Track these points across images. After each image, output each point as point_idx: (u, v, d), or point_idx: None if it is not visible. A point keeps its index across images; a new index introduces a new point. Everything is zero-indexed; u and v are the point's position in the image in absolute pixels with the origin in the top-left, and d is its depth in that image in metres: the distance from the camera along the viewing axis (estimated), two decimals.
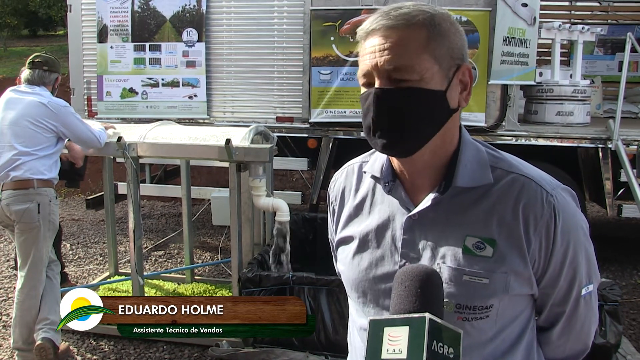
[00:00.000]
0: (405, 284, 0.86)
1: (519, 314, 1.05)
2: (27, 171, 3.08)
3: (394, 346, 0.78)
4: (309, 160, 5.27)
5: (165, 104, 5.34)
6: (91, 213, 6.77)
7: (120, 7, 5.30)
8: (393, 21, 0.97)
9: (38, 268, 3.17)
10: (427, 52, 0.97)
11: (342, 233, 1.16)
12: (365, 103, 1.01)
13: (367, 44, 1.00)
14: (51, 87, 3.33)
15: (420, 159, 1.03)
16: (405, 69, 0.96)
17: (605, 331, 2.86)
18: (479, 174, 1.03)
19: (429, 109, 0.98)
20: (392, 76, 0.97)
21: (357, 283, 1.11)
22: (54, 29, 17.68)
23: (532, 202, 0.99)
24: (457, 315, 1.00)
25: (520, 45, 4.76)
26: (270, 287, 3.21)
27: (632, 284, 4.72)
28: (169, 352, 3.46)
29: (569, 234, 1.01)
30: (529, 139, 4.83)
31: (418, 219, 1.04)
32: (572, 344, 1.13)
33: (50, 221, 3.20)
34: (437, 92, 0.98)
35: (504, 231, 0.99)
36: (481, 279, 0.99)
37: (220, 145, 3.29)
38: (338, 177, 1.23)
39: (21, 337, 3.14)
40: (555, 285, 1.03)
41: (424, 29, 0.97)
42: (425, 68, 0.96)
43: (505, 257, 0.99)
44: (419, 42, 0.97)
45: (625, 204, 4.87)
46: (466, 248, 1.00)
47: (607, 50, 6.99)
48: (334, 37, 4.83)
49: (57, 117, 3.17)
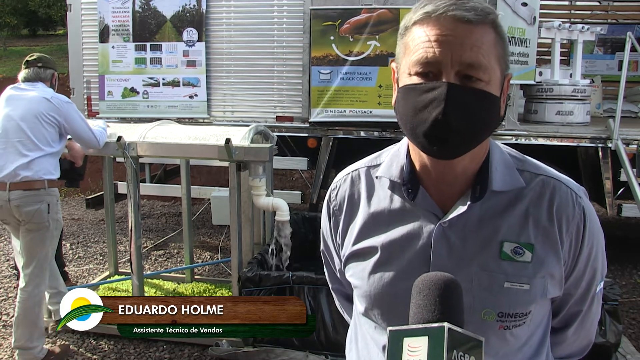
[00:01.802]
0: (423, 292, 0.83)
1: (543, 317, 1.03)
2: (38, 171, 3.07)
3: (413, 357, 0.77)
4: (308, 159, 5.27)
5: (165, 103, 5.34)
6: (91, 212, 6.77)
7: (121, 7, 5.31)
8: (471, 13, 0.88)
9: (43, 267, 3.17)
10: (495, 54, 0.91)
11: (356, 246, 1.07)
12: (424, 96, 0.90)
13: (428, 29, 0.90)
14: (49, 82, 3.33)
15: (460, 163, 0.96)
16: (481, 67, 0.89)
17: (605, 330, 2.86)
18: (510, 177, 0.99)
19: (491, 114, 0.93)
20: (463, 72, 0.89)
21: (379, 298, 1.02)
22: (54, 29, 17.69)
23: (564, 204, 0.98)
24: (499, 324, 0.96)
25: (520, 44, 4.76)
26: (270, 287, 3.21)
27: (631, 283, 4.72)
28: (169, 351, 3.47)
29: (593, 235, 1.00)
30: (529, 138, 4.83)
31: (449, 226, 0.98)
32: (580, 341, 1.13)
33: (58, 220, 3.23)
34: (496, 97, 0.93)
35: (541, 234, 0.97)
36: (522, 285, 0.95)
37: (220, 144, 3.29)
38: (339, 184, 1.13)
39: (23, 336, 3.14)
40: (578, 285, 1.03)
41: (493, 29, 0.91)
42: (493, 70, 0.91)
43: (543, 261, 0.96)
44: (491, 42, 0.90)
45: (625, 204, 4.88)
46: (504, 254, 0.96)
47: (607, 50, 6.99)
48: (333, 37, 4.83)
49: (60, 111, 3.17)
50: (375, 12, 4.67)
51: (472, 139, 0.93)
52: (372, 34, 4.71)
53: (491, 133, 0.96)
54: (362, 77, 4.82)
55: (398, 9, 4.62)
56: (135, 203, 3.52)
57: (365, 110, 4.86)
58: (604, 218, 6.04)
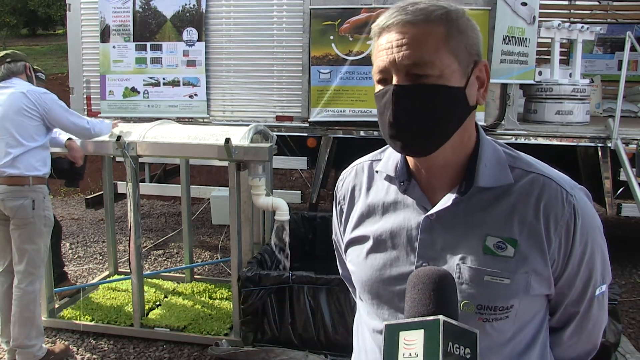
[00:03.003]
0: (418, 287, 0.85)
1: (535, 314, 1.04)
2: (22, 169, 3.08)
3: (410, 350, 0.78)
4: (308, 159, 5.27)
5: (166, 103, 5.35)
6: (91, 212, 6.77)
7: (122, 7, 5.32)
8: (411, 16, 0.95)
9: (35, 263, 3.17)
10: (446, 48, 0.94)
11: (354, 233, 1.13)
12: (382, 101, 0.98)
13: (383, 40, 0.97)
14: (24, 75, 3.30)
15: (440, 156, 1.00)
16: (426, 64, 0.93)
17: (604, 330, 2.86)
18: (499, 173, 1.01)
19: (449, 106, 0.96)
20: (411, 72, 0.94)
21: (370, 284, 1.08)
22: (53, 28, 17.69)
23: (552, 202, 0.98)
24: (478, 316, 0.98)
25: (520, 44, 4.77)
26: (269, 287, 3.21)
27: (631, 283, 4.72)
28: (168, 351, 3.47)
29: (587, 234, 1.00)
30: (529, 138, 4.83)
31: (436, 218, 1.02)
32: (582, 344, 1.13)
33: (46, 217, 3.20)
34: (457, 88, 0.96)
35: (525, 231, 0.98)
36: (502, 280, 0.97)
37: (220, 144, 3.29)
38: (346, 175, 1.20)
39: (20, 335, 3.14)
40: (571, 285, 1.03)
41: (442, 25, 0.95)
42: (445, 64, 0.94)
43: (526, 257, 0.97)
44: (438, 38, 0.94)
45: (624, 203, 4.89)
46: (487, 248, 0.98)
47: (607, 49, 7.00)
48: (333, 36, 4.83)
49: (37, 104, 3.14)
50: (375, 12, 4.67)
51: (436, 133, 0.97)
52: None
53: (459, 124, 0.98)
54: (362, 76, 4.83)
55: None
56: (134, 203, 3.53)
57: (365, 110, 4.86)
58: (604, 218, 6.05)
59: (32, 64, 3.43)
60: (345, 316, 3.11)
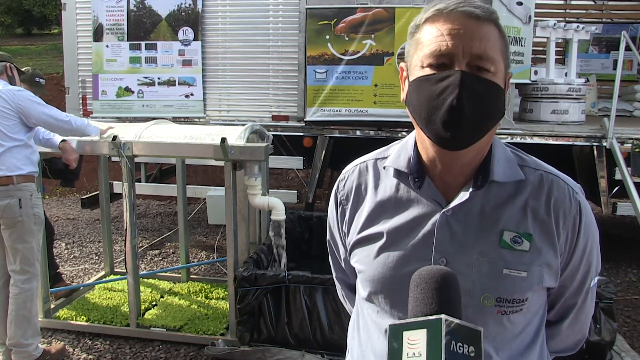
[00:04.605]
0: (421, 286, 0.86)
1: (539, 307, 1.08)
2: (5, 169, 3.05)
3: (413, 349, 0.79)
4: (304, 158, 5.27)
5: (161, 102, 5.33)
6: (86, 212, 6.75)
7: (115, 5, 5.29)
8: (478, 10, 0.96)
9: (29, 261, 3.16)
10: (500, 48, 0.98)
11: (363, 232, 1.12)
12: (438, 85, 0.94)
13: (442, 25, 0.96)
14: (4, 75, 3.28)
15: (467, 155, 1.01)
16: (489, 59, 0.95)
17: (600, 329, 2.87)
18: (511, 170, 1.05)
19: (499, 105, 0.98)
20: (474, 63, 0.94)
21: (383, 282, 1.07)
22: (49, 28, 17.61)
23: (562, 198, 1.03)
24: (497, 309, 1.01)
25: (516, 43, 4.78)
26: (266, 286, 3.21)
27: (626, 282, 4.74)
28: (164, 351, 3.46)
29: (588, 230, 1.05)
30: (524, 137, 4.84)
31: (452, 214, 1.03)
32: (574, 335, 1.17)
33: (35, 215, 3.18)
34: (503, 90, 0.99)
35: (538, 225, 1.02)
36: (520, 272, 1.00)
37: (216, 144, 3.29)
38: (348, 175, 1.18)
39: (16, 333, 3.13)
40: (573, 278, 1.07)
41: (496, 26, 0.98)
42: (499, 64, 0.97)
43: (540, 251, 1.01)
44: (496, 37, 0.97)
45: (620, 202, 4.90)
46: (504, 242, 1.01)
47: (602, 49, 7.03)
48: (329, 36, 4.83)
49: (11, 102, 3.11)
50: (370, 11, 4.67)
51: (483, 127, 0.98)
52: (367, 33, 4.71)
53: (497, 124, 1.01)
54: (358, 76, 4.83)
55: (393, 8, 4.62)
56: (130, 202, 3.52)
57: (361, 110, 4.86)
58: (599, 216, 6.07)
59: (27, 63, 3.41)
60: (342, 316, 3.12)
